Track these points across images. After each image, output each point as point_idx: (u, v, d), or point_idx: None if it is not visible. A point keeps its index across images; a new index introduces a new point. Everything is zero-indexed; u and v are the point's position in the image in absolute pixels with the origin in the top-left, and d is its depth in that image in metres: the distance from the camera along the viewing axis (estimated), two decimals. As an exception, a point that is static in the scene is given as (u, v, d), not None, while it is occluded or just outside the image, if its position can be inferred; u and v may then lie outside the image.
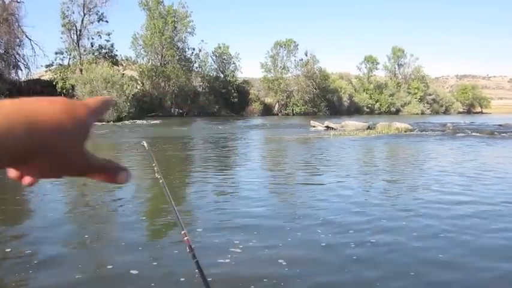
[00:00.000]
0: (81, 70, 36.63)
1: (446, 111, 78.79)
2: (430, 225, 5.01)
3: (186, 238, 1.89)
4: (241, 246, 4.26)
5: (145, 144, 2.94)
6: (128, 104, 33.40)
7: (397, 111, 68.00)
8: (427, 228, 4.89)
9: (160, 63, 45.36)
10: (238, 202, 6.34)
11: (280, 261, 3.87)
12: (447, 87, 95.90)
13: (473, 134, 21.05)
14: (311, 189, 7.27)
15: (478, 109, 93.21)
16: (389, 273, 3.66)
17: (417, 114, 67.18)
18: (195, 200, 6.70)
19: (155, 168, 2.67)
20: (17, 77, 37.14)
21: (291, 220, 5.24)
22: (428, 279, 3.55)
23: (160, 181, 2.56)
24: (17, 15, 36.36)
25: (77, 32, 39.94)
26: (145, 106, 40.07)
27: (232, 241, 4.42)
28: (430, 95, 76.25)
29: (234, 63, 54.05)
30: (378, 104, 66.56)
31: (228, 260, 3.90)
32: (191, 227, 4.86)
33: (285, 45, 57.14)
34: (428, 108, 74.18)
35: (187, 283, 3.42)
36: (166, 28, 44.63)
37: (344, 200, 6.30)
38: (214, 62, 53.45)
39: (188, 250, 1.77)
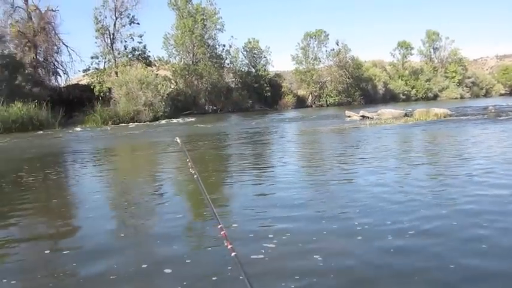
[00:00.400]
0: (116, 73, 37.46)
1: (487, 94, 75.84)
2: (477, 224, 4.54)
3: (223, 232, 1.88)
4: (275, 241, 4.23)
5: (178, 141, 2.97)
6: (163, 103, 33.91)
7: (435, 97, 66.00)
8: (474, 229, 4.42)
9: (192, 62, 45.76)
10: (273, 197, 6.28)
11: (315, 256, 3.82)
12: (487, 69, 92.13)
13: (518, 116, 20.15)
14: (348, 183, 7.10)
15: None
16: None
17: (456, 98, 65.01)
18: (230, 196, 6.74)
19: (189, 164, 2.68)
20: (56, 83, 38.49)
21: (327, 215, 5.14)
22: None
23: (195, 176, 2.58)
24: (53, 24, 37.58)
25: (110, 36, 40.84)
26: (180, 104, 40.58)
27: (267, 236, 4.41)
28: (469, 78, 73.56)
29: (265, 57, 53.88)
30: (414, 90, 64.77)
31: (261, 256, 3.88)
32: (227, 222, 4.88)
33: (315, 36, 56.43)
34: (467, 92, 71.60)
35: (222, 279, 3.43)
36: (196, 26, 44.93)
37: (383, 195, 6.09)
38: (245, 57, 53.45)
39: (226, 244, 1.77)
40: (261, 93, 50.60)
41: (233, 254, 1.72)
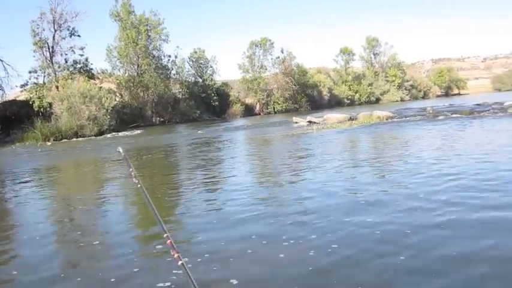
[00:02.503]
0: (57, 87, 35.99)
1: (425, 96, 79.89)
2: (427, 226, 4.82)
3: (169, 241, 1.83)
4: (223, 250, 4.21)
5: (121, 150, 2.90)
6: (108, 116, 32.95)
7: (377, 100, 68.67)
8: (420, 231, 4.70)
9: (137, 73, 44.91)
10: (221, 207, 6.24)
11: (261, 252, 3.82)
12: (424, 72, 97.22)
13: (453, 115, 21.35)
14: (297, 190, 7.11)
15: (456, 91, 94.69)
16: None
17: (397, 101, 67.95)
18: (178, 208, 6.63)
19: (132, 173, 2.61)
20: (-9, 100, 36.38)
21: (273, 221, 5.19)
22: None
23: (138, 185, 2.50)
24: (-15, 37, 35.68)
25: (49, 49, 39.25)
26: (126, 117, 39.63)
27: (214, 245, 4.38)
28: (407, 81, 77.18)
29: (211, 66, 53.87)
30: (357, 94, 67.10)
31: (207, 265, 3.85)
32: (175, 234, 4.81)
33: (260, 44, 57.11)
34: (407, 95, 75.09)
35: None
36: (140, 37, 44.16)
37: (329, 198, 6.26)
38: (191, 67, 53.17)
39: (172, 253, 1.72)
40: (208, 103, 50.46)
41: (180, 262, 1.68)
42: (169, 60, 48.72)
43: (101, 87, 37.15)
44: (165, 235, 1.91)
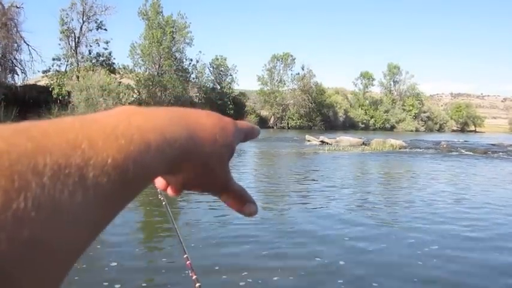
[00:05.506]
0: (77, 77, 36.60)
1: (440, 129, 79.41)
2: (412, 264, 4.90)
3: (188, 262, 1.88)
4: (245, 274, 4.23)
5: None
6: (124, 112, 33.34)
7: (392, 128, 68.41)
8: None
9: (158, 73, 45.46)
10: (235, 225, 6.26)
11: (275, 278, 3.87)
12: (441, 105, 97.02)
13: (467, 152, 21.17)
14: (302, 210, 7.19)
15: (472, 128, 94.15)
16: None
17: (411, 131, 67.59)
18: (190, 222, 6.66)
19: (158, 190, 2.63)
20: (13, 82, 37.07)
21: (282, 239, 5.23)
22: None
23: (163, 203, 2.52)
24: (16, 20, 36.43)
25: (75, 39, 40.05)
26: (141, 115, 40.03)
27: (232, 267, 4.40)
28: (424, 112, 76.88)
29: (231, 75, 54.36)
30: (372, 120, 66.95)
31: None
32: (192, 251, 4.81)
33: (282, 58, 57.55)
34: (422, 126, 74.73)
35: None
36: (164, 38, 44.79)
37: (329, 221, 6.30)
38: (211, 73, 53.69)
39: (190, 274, 1.76)
40: (224, 110, 50.71)
41: (197, 284, 1.70)
42: (190, 63, 49.32)
43: (120, 82, 37.68)
44: (184, 256, 1.93)
